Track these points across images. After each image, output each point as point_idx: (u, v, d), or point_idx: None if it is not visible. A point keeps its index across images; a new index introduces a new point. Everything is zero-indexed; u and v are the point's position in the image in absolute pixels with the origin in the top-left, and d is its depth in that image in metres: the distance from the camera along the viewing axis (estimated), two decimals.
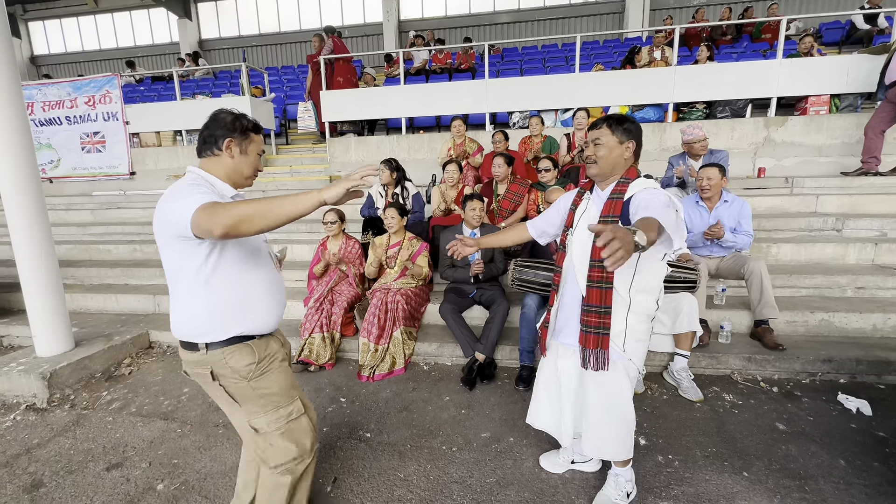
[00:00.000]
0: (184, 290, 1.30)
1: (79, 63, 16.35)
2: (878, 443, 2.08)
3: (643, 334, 1.56)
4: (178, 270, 1.29)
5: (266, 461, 1.43)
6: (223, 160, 1.37)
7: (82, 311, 4.10)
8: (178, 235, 1.21)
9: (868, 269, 3.50)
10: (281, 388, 1.42)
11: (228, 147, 1.36)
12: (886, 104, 4.46)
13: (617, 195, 1.50)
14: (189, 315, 1.31)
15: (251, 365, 1.35)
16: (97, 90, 7.10)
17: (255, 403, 1.39)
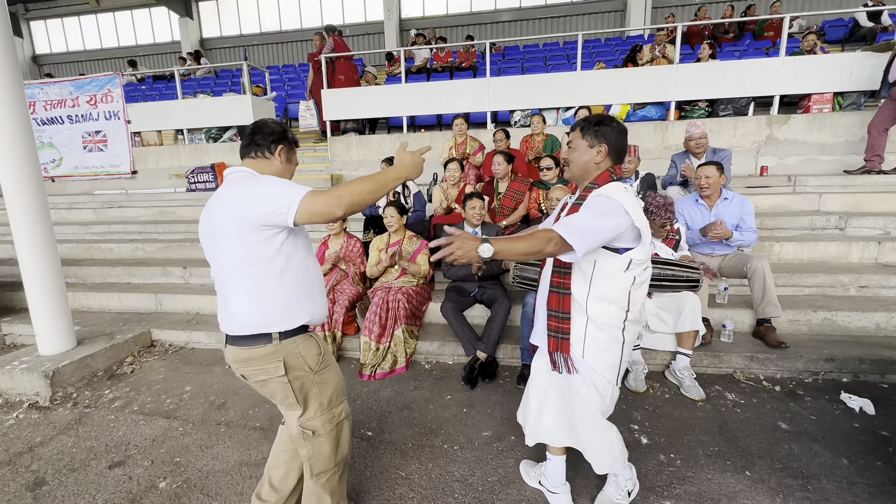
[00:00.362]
0: (256, 281, 1.30)
1: (80, 62, 16.38)
2: (881, 442, 2.07)
3: (607, 343, 1.49)
4: (248, 263, 1.29)
5: (312, 468, 1.45)
6: (273, 163, 1.43)
7: (84, 309, 4.11)
8: (265, 225, 1.25)
9: (871, 267, 3.49)
10: (337, 383, 1.48)
11: (280, 153, 1.43)
12: (890, 102, 4.43)
13: (580, 201, 1.45)
14: (263, 305, 1.32)
15: (319, 356, 1.41)
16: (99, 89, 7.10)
17: (315, 400, 1.41)
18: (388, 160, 3.94)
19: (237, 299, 1.33)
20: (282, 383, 1.36)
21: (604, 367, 1.50)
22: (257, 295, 1.31)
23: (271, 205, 1.21)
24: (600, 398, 1.54)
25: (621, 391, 2.57)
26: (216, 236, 1.31)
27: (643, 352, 2.74)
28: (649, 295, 2.73)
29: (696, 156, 3.60)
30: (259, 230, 1.26)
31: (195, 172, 6.46)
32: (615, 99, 5.94)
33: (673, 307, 2.64)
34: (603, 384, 1.53)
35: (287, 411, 1.45)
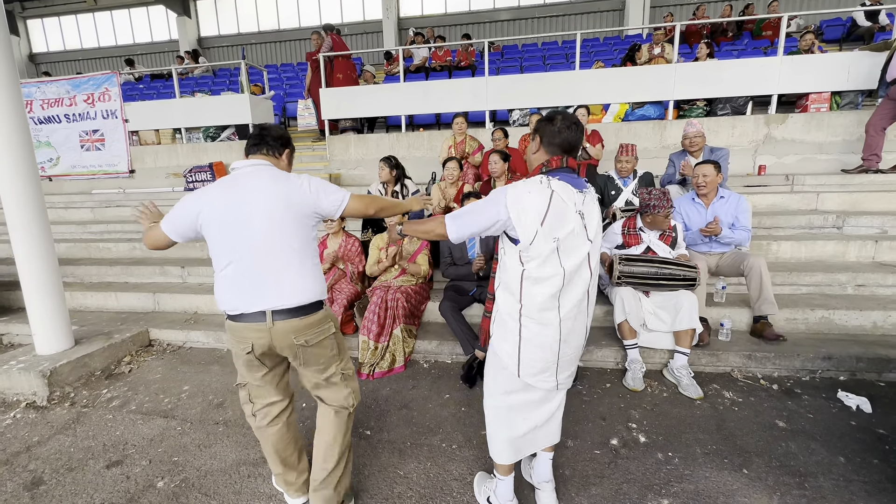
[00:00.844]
0: (309, 260, 1.55)
1: (78, 61, 16.33)
2: (877, 440, 2.08)
3: (504, 333, 1.50)
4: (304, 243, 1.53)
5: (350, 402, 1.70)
6: (281, 164, 1.64)
7: (82, 309, 4.10)
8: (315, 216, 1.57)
9: (868, 266, 3.50)
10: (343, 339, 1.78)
11: (288, 156, 1.68)
12: (887, 101, 4.45)
13: None
14: (315, 279, 1.56)
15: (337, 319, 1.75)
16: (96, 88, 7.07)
17: (343, 349, 1.72)
18: (386, 158, 3.93)
19: (294, 274, 1.51)
20: (331, 340, 1.63)
21: (505, 355, 1.52)
22: (311, 270, 1.55)
23: (331, 197, 1.56)
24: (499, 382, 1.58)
25: (620, 389, 2.59)
26: (272, 221, 1.46)
27: (641, 350, 2.75)
28: (647, 293, 2.74)
29: (693, 154, 3.61)
30: (312, 216, 1.55)
31: (193, 171, 6.44)
32: (613, 98, 5.95)
33: (670, 306, 2.65)
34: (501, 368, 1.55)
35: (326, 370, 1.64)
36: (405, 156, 6.03)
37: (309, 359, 1.59)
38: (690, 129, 3.57)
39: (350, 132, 6.94)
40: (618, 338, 2.80)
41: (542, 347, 1.47)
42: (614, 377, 2.73)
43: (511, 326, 1.48)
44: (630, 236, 2.85)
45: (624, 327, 2.69)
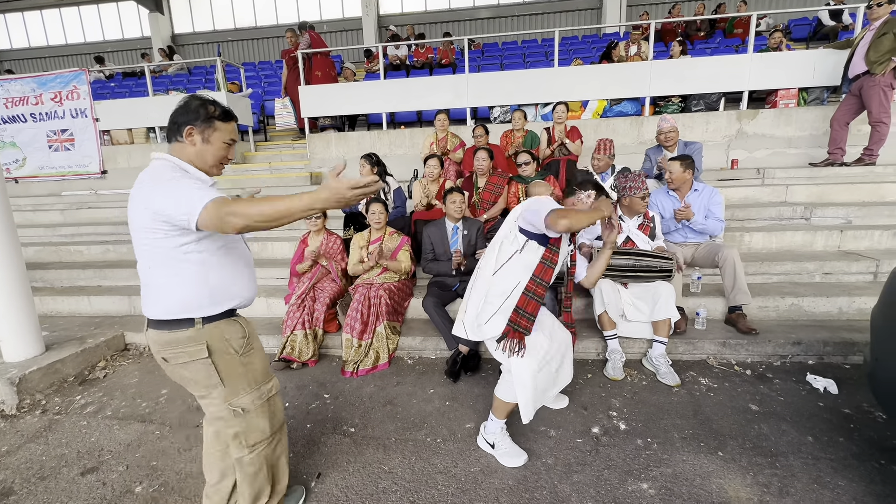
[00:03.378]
0: (175, 270, 1.31)
1: (44, 58, 15.71)
2: (843, 419, 2.17)
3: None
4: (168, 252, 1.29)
5: (244, 443, 1.46)
6: (186, 148, 1.37)
7: (53, 314, 3.96)
8: (173, 226, 1.24)
9: (834, 255, 3.65)
10: (263, 364, 1.51)
11: (190, 134, 1.36)
12: (850, 97, 4.63)
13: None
14: (183, 292, 1.32)
15: (243, 339, 1.43)
16: (64, 86, 6.82)
17: (242, 380, 1.43)
18: (367, 156, 3.91)
19: (157, 285, 1.34)
20: (205, 365, 1.37)
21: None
22: (179, 282, 1.32)
23: (176, 210, 1.19)
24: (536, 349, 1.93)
25: (601, 379, 2.65)
26: (133, 219, 1.30)
27: (621, 341, 2.80)
28: (625, 284, 2.80)
29: (668, 149, 3.70)
30: (168, 227, 1.25)
31: None
32: (592, 95, 6.04)
33: (648, 296, 2.71)
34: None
35: (207, 397, 1.43)
36: (387, 153, 6.00)
37: (178, 378, 1.43)
38: (664, 124, 3.66)
39: (330, 130, 6.87)
40: (598, 329, 2.85)
41: None
42: (595, 367, 2.78)
43: None
44: None
45: (603, 318, 2.75)
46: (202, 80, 9.90)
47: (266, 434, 1.50)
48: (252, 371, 1.46)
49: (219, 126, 1.39)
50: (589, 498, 1.73)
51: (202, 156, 1.38)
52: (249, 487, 1.50)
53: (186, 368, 1.38)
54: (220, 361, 1.38)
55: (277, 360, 2.92)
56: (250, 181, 6.18)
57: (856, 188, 4.42)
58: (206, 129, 1.37)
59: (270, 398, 1.52)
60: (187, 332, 1.34)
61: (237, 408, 1.42)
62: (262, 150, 7.46)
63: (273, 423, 1.53)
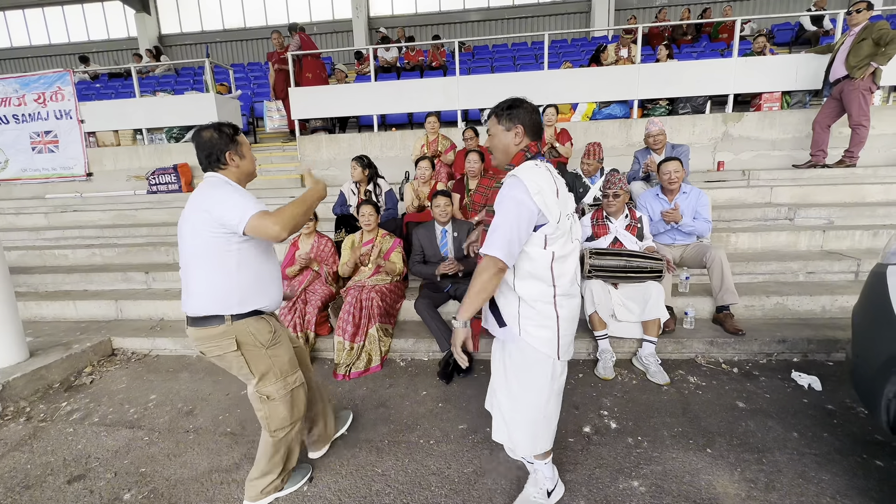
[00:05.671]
0: (214, 270, 1.53)
1: (26, 59, 15.40)
2: (826, 415, 2.23)
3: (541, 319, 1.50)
4: (209, 254, 1.51)
5: (267, 427, 1.69)
6: (231, 170, 1.61)
7: (37, 319, 3.88)
8: (223, 227, 1.47)
9: (817, 254, 3.73)
10: (289, 357, 1.71)
11: (232, 159, 1.61)
12: (831, 101, 4.75)
13: (499, 184, 1.50)
14: (219, 292, 1.54)
15: (270, 333, 1.63)
16: (48, 87, 6.70)
17: (269, 371, 1.64)
18: (359, 158, 3.90)
19: (196, 284, 1.55)
20: (236, 357, 1.59)
21: (541, 343, 1.50)
22: (214, 283, 1.53)
23: (229, 215, 1.45)
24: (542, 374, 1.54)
25: (591, 379, 2.67)
26: (187, 223, 1.53)
27: (611, 340, 2.84)
28: (615, 285, 2.83)
29: (657, 151, 3.76)
30: (218, 227, 1.48)
31: (156, 174, 6.20)
32: (581, 97, 6.10)
33: (639, 296, 2.75)
34: (543, 359, 1.52)
35: (247, 382, 1.68)
36: (378, 155, 5.99)
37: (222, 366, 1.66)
38: (653, 127, 3.72)
39: (321, 132, 6.84)
40: (589, 329, 2.88)
41: (573, 319, 1.56)
42: (586, 367, 2.81)
43: (548, 312, 1.49)
44: (598, 227, 2.95)
45: (594, 318, 2.78)
46: (190, 82, 9.79)
47: (287, 422, 1.69)
48: (279, 363, 1.65)
49: (240, 139, 1.64)
50: (581, 496, 1.75)
51: (245, 170, 1.65)
52: (266, 463, 1.72)
53: (222, 360, 1.61)
54: (248, 353, 1.59)
55: None
56: None
57: (837, 189, 4.54)
58: (239, 147, 1.63)
59: (294, 389, 1.70)
60: (219, 329, 1.55)
61: (264, 395, 1.64)
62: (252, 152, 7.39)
63: (294, 414, 1.71)
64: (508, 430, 1.63)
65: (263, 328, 1.61)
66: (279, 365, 1.66)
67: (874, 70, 4.39)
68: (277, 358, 1.65)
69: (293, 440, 1.77)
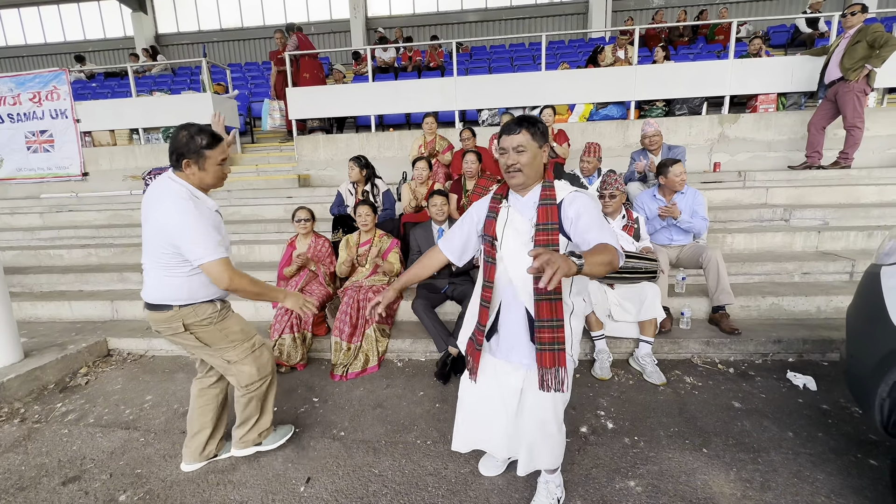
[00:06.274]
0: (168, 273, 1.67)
1: (21, 58, 15.32)
2: (821, 415, 2.24)
3: (579, 333, 1.55)
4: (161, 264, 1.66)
5: (238, 384, 1.90)
6: (188, 175, 1.66)
7: (32, 320, 3.86)
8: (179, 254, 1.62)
9: (812, 255, 3.75)
10: (241, 327, 1.87)
11: (188, 166, 1.64)
12: (826, 102, 4.78)
13: (548, 201, 1.43)
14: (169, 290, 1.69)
15: (214, 313, 1.78)
16: (43, 86, 6.64)
17: (224, 341, 1.81)
18: (356, 158, 3.90)
19: (151, 280, 1.72)
20: (186, 336, 1.77)
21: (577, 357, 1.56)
22: (167, 283, 1.69)
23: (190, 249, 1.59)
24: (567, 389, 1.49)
25: (588, 379, 2.69)
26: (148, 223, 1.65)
27: (608, 341, 2.85)
28: (612, 285, 2.84)
29: (653, 152, 3.77)
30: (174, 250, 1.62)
31: (153, 174, 6.13)
32: (578, 98, 6.12)
33: (635, 297, 2.75)
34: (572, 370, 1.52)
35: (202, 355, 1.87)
36: (376, 156, 5.99)
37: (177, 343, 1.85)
38: (649, 128, 3.73)
39: (318, 132, 6.83)
40: (586, 331, 2.88)
41: None
42: (583, 368, 2.82)
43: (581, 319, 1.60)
44: None
45: (591, 319, 2.78)
46: (187, 81, 9.76)
47: (255, 377, 1.89)
48: (230, 333, 1.82)
49: (208, 155, 1.65)
50: (577, 496, 1.75)
51: (202, 181, 1.68)
52: (241, 414, 1.97)
53: (175, 339, 1.78)
54: (198, 331, 1.76)
55: None
56: (237, 183, 6.09)
57: (832, 190, 4.56)
58: (200, 160, 1.64)
59: (255, 350, 1.89)
60: (167, 313, 1.72)
61: (225, 360, 1.84)
62: (249, 152, 7.38)
63: (260, 370, 1.90)
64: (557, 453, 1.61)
65: (208, 309, 1.76)
66: (231, 335, 1.82)
67: (868, 72, 4.43)
68: (227, 329, 1.81)
69: (268, 395, 2.00)
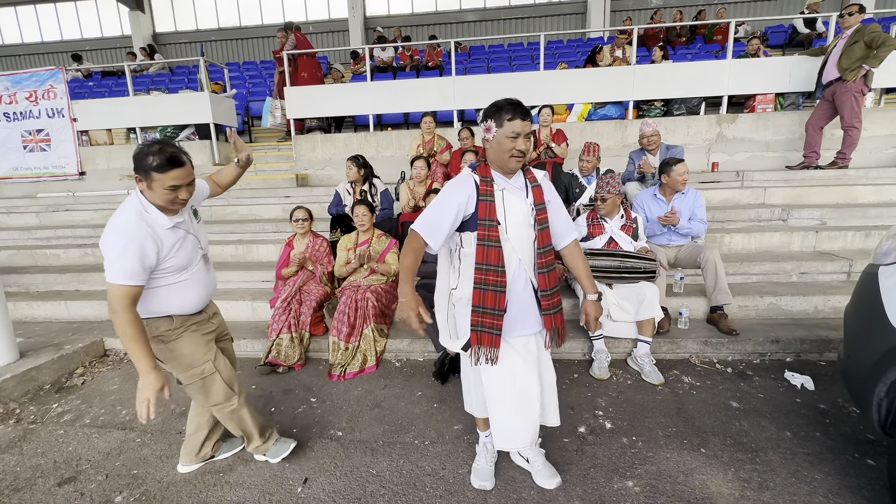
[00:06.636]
0: None
1: (18, 56, 15.25)
2: (819, 414, 2.24)
3: None
4: None
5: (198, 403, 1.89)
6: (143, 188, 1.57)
7: (28, 319, 3.84)
8: None
9: (810, 255, 3.76)
10: (191, 352, 1.73)
11: (139, 180, 1.56)
12: (823, 102, 4.79)
13: (535, 183, 1.64)
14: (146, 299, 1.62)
15: (168, 331, 1.68)
16: (39, 85, 6.62)
17: (173, 362, 1.72)
18: (354, 158, 3.89)
19: None
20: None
21: None
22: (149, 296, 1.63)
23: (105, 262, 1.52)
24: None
25: (587, 379, 2.69)
26: None
27: (606, 341, 2.84)
28: (610, 285, 2.84)
29: (651, 152, 3.78)
30: None
31: None
32: (577, 98, 6.11)
33: (633, 296, 2.75)
34: None
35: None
36: (374, 155, 5.98)
37: None
38: (647, 128, 3.73)
39: (317, 132, 6.81)
40: (584, 330, 2.88)
41: None
42: (581, 368, 2.82)
43: None
44: (594, 227, 2.96)
45: None
46: (184, 81, 9.73)
47: (206, 404, 1.82)
48: (178, 356, 1.71)
49: (156, 177, 1.51)
50: (575, 497, 1.75)
51: (152, 199, 1.57)
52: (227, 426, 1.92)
53: None
54: (154, 346, 1.64)
55: (263, 364, 2.88)
56: None
57: (830, 190, 4.57)
58: (147, 179, 1.53)
59: (203, 378, 1.75)
60: None
61: (178, 379, 1.77)
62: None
63: (210, 398, 1.79)
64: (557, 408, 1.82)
65: (162, 325, 1.67)
66: (178, 358, 1.71)
67: (866, 72, 4.44)
68: (177, 352, 1.71)
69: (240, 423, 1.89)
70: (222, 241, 4.60)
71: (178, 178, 1.54)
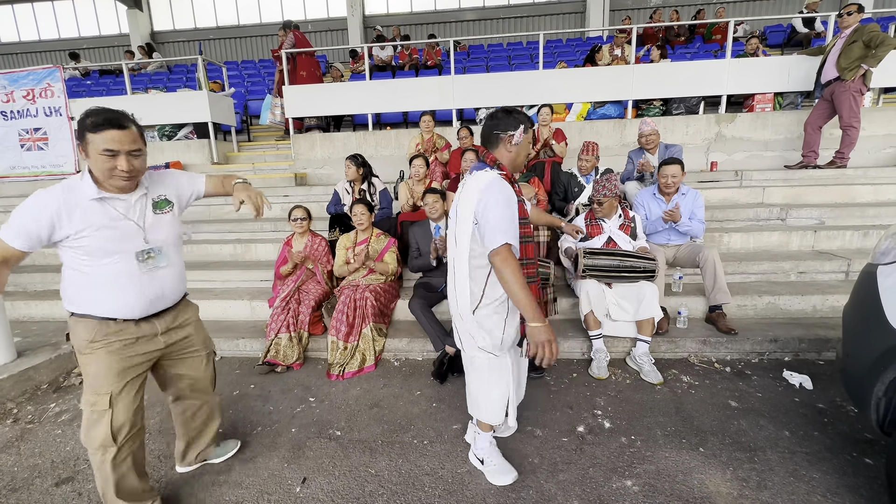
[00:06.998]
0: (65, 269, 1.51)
1: (15, 54, 15.17)
2: (817, 414, 2.24)
3: None
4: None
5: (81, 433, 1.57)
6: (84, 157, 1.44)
7: (25, 319, 3.83)
8: None
9: (809, 254, 3.76)
10: (98, 374, 1.50)
11: (82, 149, 1.41)
12: (822, 102, 4.79)
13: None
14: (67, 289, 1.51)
15: (85, 341, 1.49)
16: (37, 83, 6.59)
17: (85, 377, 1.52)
18: (353, 157, 3.88)
19: None
20: None
21: None
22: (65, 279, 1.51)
23: None
24: None
25: (586, 378, 2.69)
26: None
27: (605, 340, 2.84)
28: (609, 285, 2.84)
29: (650, 151, 3.78)
30: None
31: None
32: (576, 97, 6.11)
33: (633, 296, 2.76)
34: None
35: None
36: (373, 154, 5.97)
37: None
38: (645, 127, 3.73)
39: (315, 131, 6.80)
40: (583, 329, 2.88)
41: None
42: (580, 367, 2.82)
43: None
44: (592, 227, 2.96)
45: (589, 318, 2.78)
46: (183, 79, 9.70)
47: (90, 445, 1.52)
48: (86, 374, 1.52)
49: (90, 139, 1.37)
50: (574, 496, 1.75)
51: (93, 168, 1.42)
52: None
53: None
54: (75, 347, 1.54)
55: (262, 363, 2.87)
56: None
57: (828, 190, 4.58)
58: (84, 144, 1.39)
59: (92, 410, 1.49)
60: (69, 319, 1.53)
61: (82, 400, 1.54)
62: (246, 150, 7.34)
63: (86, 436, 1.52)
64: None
65: (81, 332, 1.49)
66: (87, 376, 1.51)
67: (864, 72, 4.44)
68: (87, 367, 1.51)
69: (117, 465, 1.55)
70: (220, 241, 4.59)
71: (115, 140, 1.36)
